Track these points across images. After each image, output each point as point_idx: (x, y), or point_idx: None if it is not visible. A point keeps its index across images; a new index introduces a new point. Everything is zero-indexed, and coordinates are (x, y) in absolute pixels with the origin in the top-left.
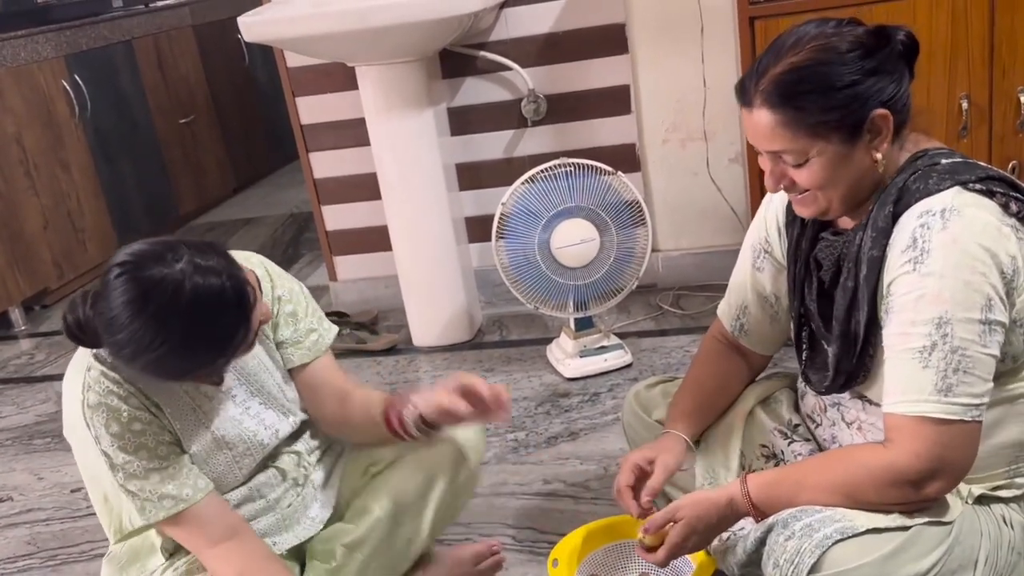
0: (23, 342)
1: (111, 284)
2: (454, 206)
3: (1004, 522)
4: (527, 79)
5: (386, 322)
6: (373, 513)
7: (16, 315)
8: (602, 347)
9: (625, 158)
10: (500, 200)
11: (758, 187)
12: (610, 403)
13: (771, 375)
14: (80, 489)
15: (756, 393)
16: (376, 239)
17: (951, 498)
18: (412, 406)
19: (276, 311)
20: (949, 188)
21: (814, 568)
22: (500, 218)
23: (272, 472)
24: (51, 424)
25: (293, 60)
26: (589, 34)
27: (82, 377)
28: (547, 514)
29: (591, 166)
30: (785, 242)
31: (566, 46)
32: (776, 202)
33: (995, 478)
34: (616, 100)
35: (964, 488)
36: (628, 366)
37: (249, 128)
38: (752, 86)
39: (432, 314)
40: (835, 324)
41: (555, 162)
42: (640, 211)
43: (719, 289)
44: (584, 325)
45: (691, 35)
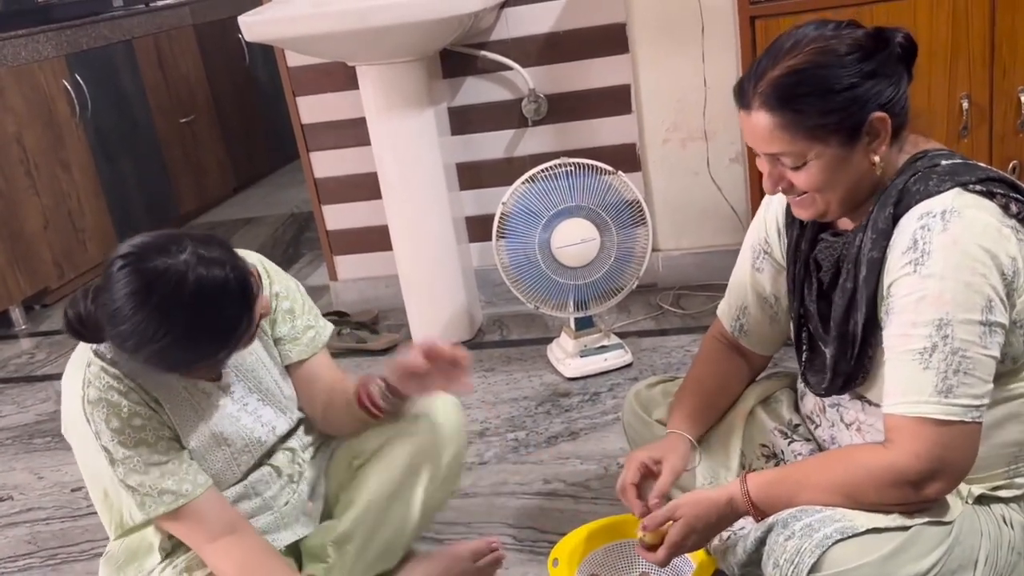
0: (23, 341)
1: (114, 276)
2: (454, 206)
3: (1004, 522)
4: (527, 79)
5: (386, 322)
6: (358, 506)
7: (16, 314)
8: (602, 347)
9: (625, 158)
10: (500, 200)
11: (758, 187)
12: (610, 403)
13: (771, 375)
14: (80, 488)
15: (756, 393)
16: (376, 239)
17: (951, 498)
18: (379, 379)
19: (274, 307)
20: (949, 190)
21: (814, 568)
22: (500, 218)
23: (267, 470)
24: (51, 423)
25: (294, 59)
26: (590, 34)
27: (82, 373)
28: (547, 514)
29: (591, 166)
30: (785, 243)
31: (567, 46)
32: (776, 203)
33: (995, 478)
34: (617, 100)
35: (964, 488)
36: (628, 366)
37: (250, 127)
38: (750, 88)
39: (432, 314)
40: (832, 325)
41: (555, 162)
42: (640, 211)
43: (719, 289)
44: (584, 325)
45: (692, 35)
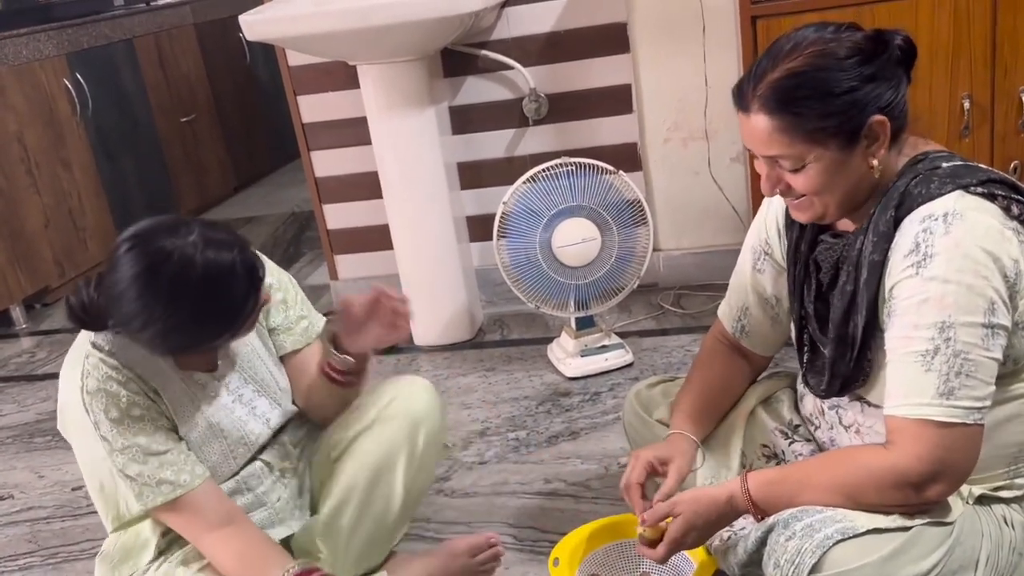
0: (24, 340)
1: (120, 258)
2: (455, 205)
3: (1005, 522)
4: (528, 78)
5: None
6: (339, 497)
7: (17, 313)
8: (603, 346)
9: (626, 157)
10: (501, 199)
11: (759, 187)
12: (611, 402)
13: (772, 375)
14: (81, 487)
15: (757, 393)
16: (377, 238)
17: (952, 499)
18: (330, 344)
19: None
20: (951, 192)
21: (815, 568)
22: (501, 217)
23: (259, 464)
24: (52, 422)
25: (294, 59)
26: (590, 33)
27: (80, 365)
28: (548, 513)
29: (592, 165)
30: (785, 244)
31: (567, 45)
32: (776, 204)
33: (996, 478)
34: (617, 99)
35: (965, 488)
36: (629, 365)
37: (250, 127)
38: (749, 91)
39: (433, 313)
40: (831, 327)
41: (556, 161)
42: (641, 210)
43: (720, 288)
44: (585, 324)
45: (693, 34)
